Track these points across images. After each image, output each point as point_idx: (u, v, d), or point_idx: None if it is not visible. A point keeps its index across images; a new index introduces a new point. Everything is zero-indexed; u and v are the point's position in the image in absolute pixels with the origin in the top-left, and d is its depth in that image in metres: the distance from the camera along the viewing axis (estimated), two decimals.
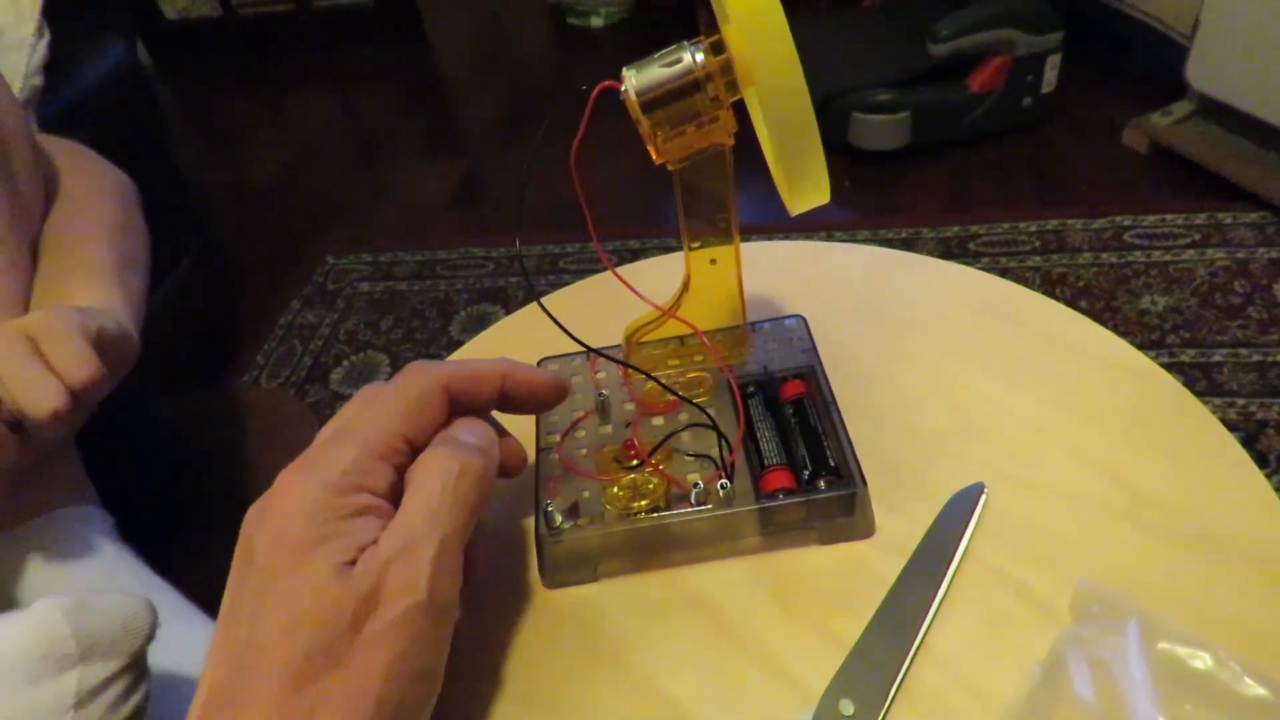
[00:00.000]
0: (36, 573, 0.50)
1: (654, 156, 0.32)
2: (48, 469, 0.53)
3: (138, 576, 0.53)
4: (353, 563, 0.26)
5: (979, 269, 0.51)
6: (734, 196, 0.34)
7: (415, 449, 0.30)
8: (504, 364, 0.33)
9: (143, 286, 0.56)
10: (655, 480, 0.36)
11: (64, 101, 1.06)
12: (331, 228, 1.79)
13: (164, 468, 0.69)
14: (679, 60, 0.30)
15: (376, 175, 1.97)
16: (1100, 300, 1.28)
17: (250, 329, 1.52)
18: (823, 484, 0.36)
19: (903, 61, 1.61)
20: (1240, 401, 1.11)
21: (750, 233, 1.41)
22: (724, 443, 0.37)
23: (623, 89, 0.31)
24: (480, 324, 1.45)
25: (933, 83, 1.59)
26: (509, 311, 1.46)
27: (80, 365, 0.43)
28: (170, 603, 0.52)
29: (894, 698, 0.31)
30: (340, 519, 0.27)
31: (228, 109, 2.42)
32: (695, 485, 0.35)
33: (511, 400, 0.34)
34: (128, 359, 0.49)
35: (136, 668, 0.41)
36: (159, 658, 0.43)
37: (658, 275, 0.39)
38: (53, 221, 0.55)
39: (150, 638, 0.42)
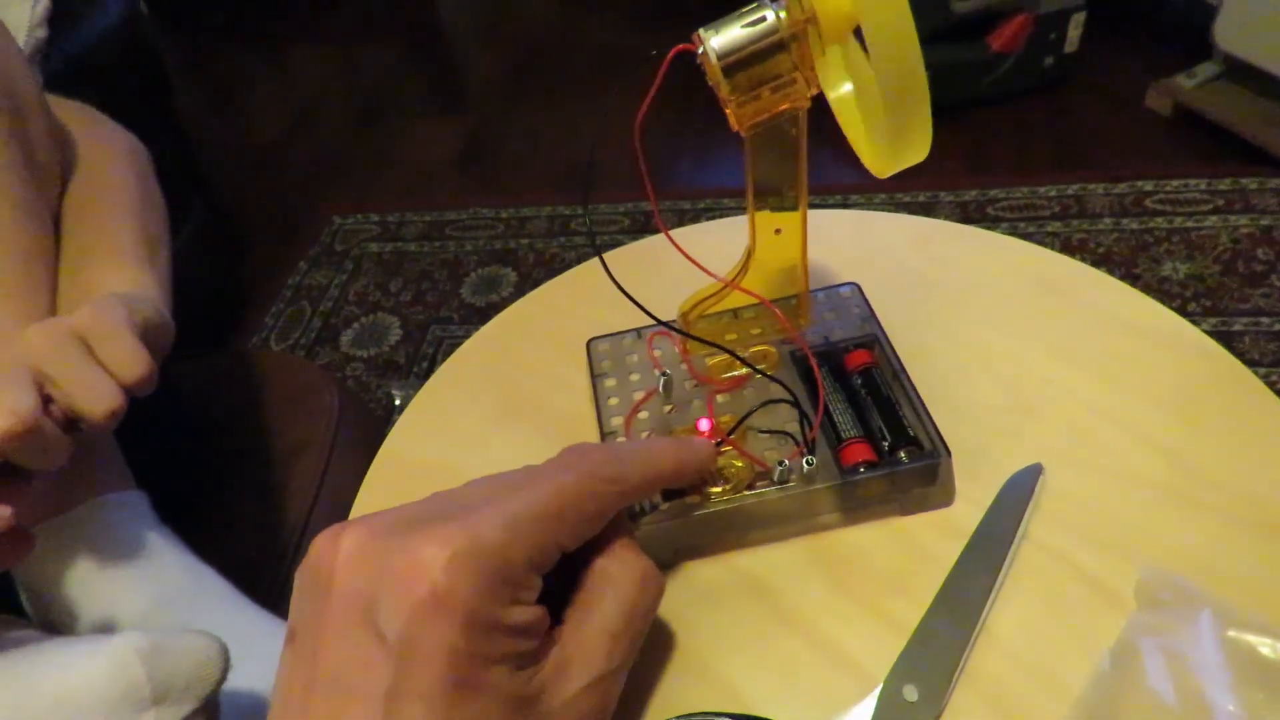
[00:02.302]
0: (82, 562, 0.50)
1: (732, 123, 0.30)
2: (88, 457, 0.52)
3: (180, 562, 0.52)
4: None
5: (998, 234, 0.50)
6: (805, 164, 0.33)
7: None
8: (678, 455, 0.31)
9: (168, 264, 0.54)
10: (739, 461, 0.35)
11: (66, 55, 1.03)
12: (337, 186, 1.76)
13: (185, 433, 0.68)
14: (763, 19, 0.28)
15: (381, 132, 1.93)
16: (1120, 267, 1.27)
17: (258, 290, 1.50)
18: (903, 455, 0.35)
19: (922, 19, 1.56)
20: (1262, 371, 1.10)
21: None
22: (804, 418, 0.36)
23: (700, 51, 0.29)
24: (491, 286, 1.43)
25: (953, 41, 1.55)
26: (520, 274, 1.45)
27: (133, 363, 0.42)
28: (215, 588, 0.52)
29: (957, 684, 0.31)
30: (508, 636, 0.24)
31: (228, 64, 2.37)
32: (780, 464, 0.34)
33: (674, 486, 0.33)
34: (168, 345, 0.48)
35: (207, 710, 0.42)
36: None
37: (690, 244, 0.37)
38: (73, 194, 0.53)
39: (222, 681, 0.42)
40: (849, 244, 0.51)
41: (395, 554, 0.24)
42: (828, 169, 0.98)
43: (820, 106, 0.35)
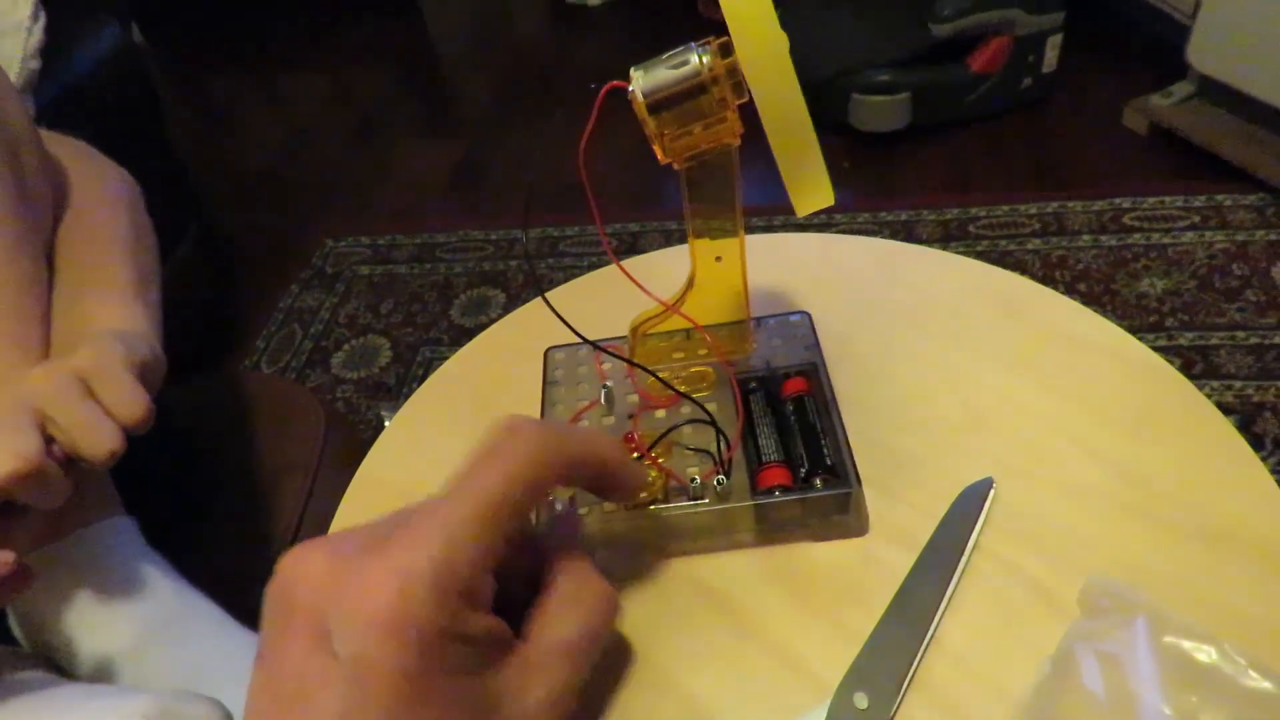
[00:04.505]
0: (73, 589, 0.51)
1: (660, 156, 0.32)
2: (81, 486, 0.54)
3: (170, 586, 0.53)
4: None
5: (979, 252, 0.52)
6: (740, 196, 0.34)
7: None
8: (616, 455, 0.31)
9: (159, 299, 0.56)
10: (654, 473, 0.37)
11: (60, 86, 1.05)
12: (329, 209, 1.78)
13: (172, 457, 0.69)
14: (686, 62, 0.30)
15: (373, 156, 1.95)
16: (1099, 283, 1.29)
17: (250, 313, 1.52)
18: (818, 483, 0.36)
19: (903, 42, 1.60)
20: (1237, 384, 1.12)
21: (754, 214, 1.39)
22: (722, 439, 0.38)
23: (630, 89, 0.31)
24: (480, 308, 1.45)
25: (933, 63, 1.58)
26: (509, 295, 1.46)
27: (133, 404, 0.43)
28: (205, 612, 0.53)
29: (907, 691, 0.32)
30: (463, 645, 0.24)
31: (221, 90, 2.39)
32: (692, 480, 0.36)
33: (597, 486, 0.32)
34: (161, 381, 0.49)
35: None
36: (199, 669, 0.44)
37: (666, 267, 0.39)
38: (65, 230, 0.54)
39: None
40: (812, 265, 0.52)
41: (349, 576, 0.25)
42: None
43: None
